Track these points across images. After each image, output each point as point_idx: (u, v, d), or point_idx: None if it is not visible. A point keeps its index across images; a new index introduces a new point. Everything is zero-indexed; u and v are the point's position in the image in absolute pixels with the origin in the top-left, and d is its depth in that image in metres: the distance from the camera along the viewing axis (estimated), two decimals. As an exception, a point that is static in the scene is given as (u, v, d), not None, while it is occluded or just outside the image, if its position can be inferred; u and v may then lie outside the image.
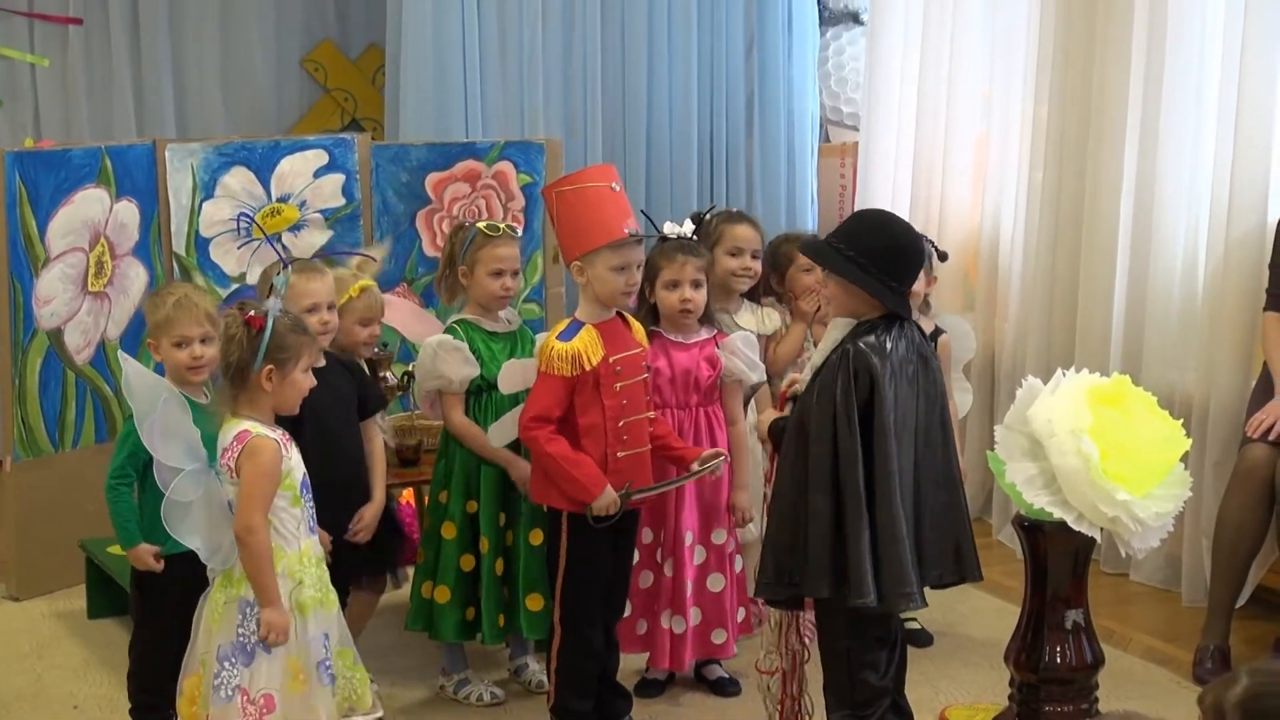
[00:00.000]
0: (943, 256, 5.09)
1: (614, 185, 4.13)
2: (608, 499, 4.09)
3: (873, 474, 3.60)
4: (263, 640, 3.58)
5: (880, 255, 3.68)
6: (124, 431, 4.00)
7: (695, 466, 4.29)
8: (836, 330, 3.76)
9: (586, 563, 4.16)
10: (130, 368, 3.69)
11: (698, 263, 4.49)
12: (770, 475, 3.99)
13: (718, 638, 4.60)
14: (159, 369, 4.09)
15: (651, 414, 4.30)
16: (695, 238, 4.59)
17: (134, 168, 5.80)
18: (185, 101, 7.57)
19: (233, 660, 3.58)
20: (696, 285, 4.49)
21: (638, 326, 4.30)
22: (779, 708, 4.08)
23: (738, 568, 4.65)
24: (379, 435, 4.47)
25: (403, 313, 5.09)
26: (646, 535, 4.54)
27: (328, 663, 3.67)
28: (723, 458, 4.35)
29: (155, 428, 3.59)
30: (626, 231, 4.08)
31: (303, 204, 6.08)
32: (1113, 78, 5.61)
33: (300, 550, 3.67)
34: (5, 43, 7.28)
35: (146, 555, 3.94)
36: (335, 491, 4.14)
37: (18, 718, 4.60)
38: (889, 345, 3.65)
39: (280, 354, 3.62)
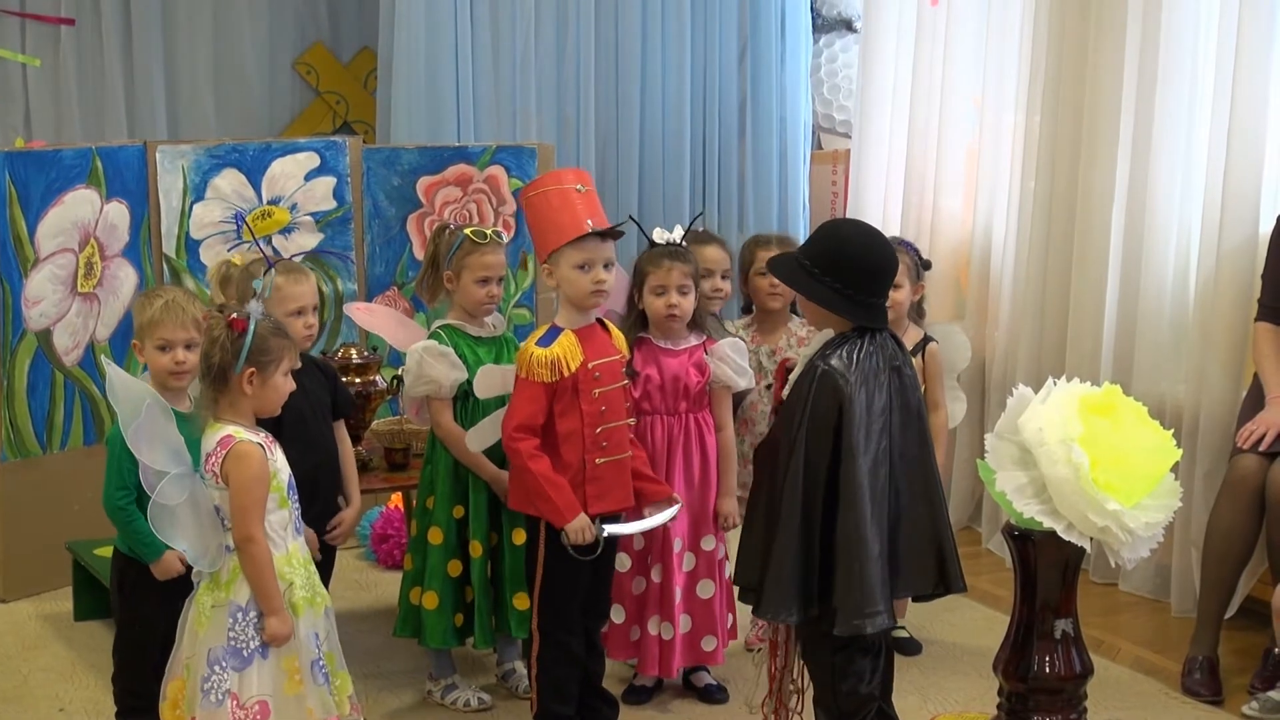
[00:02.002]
0: (926, 265, 5.08)
1: (579, 186, 4.11)
2: (580, 524, 4.07)
3: (837, 496, 3.59)
4: (264, 644, 3.57)
5: (842, 269, 3.65)
6: (113, 451, 3.95)
7: (649, 513, 4.27)
8: (814, 345, 3.75)
9: (565, 569, 4.14)
10: (114, 373, 3.66)
11: (684, 269, 4.48)
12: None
13: (708, 644, 4.59)
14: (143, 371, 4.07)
15: (632, 420, 4.29)
16: (684, 244, 4.57)
17: (124, 169, 5.79)
18: (176, 103, 7.58)
19: (224, 664, 3.57)
20: (683, 291, 4.47)
21: (618, 333, 4.29)
22: (770, 682, 4.06)
23: (726, 574, 4.64)
24: (348, 437, 4.46)
25: (384, 320, 5.07)
26: (637, 541, 4.53)
27: (321, 661, 3.67)
28: (677, 505, 4.33)
29: (140, 432, 3.57)
30: (586, 227, 4.07)
31: (294, 207, 6.07)
32: (1105, 88, 5.61)
33: (288, 551, 3.66)
34: (-3, 43, 7.28)
35: (175, 563, 3.92)
36: (315, 492, 4.15)
37: (3, 720, 4.59)
38: (858, 361, 3.62)
39: (262, 357, 3.61)
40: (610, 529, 4.17)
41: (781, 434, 3.66)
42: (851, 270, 3.66)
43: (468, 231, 4.50)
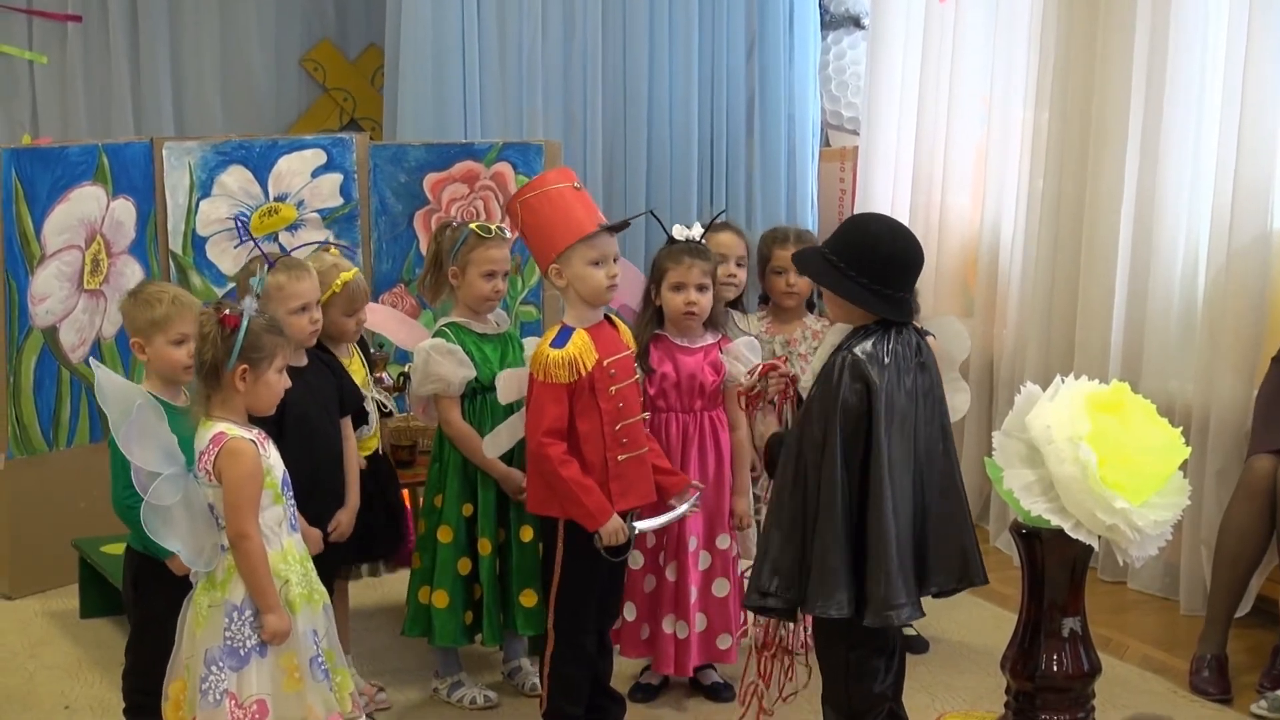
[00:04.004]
0: None
1: (575, 185, 4.11)
2: (614, 526, 4.07)
3: (867, 488, 3.58)
4: (261, 643, 3.56)
5: (869, 263, 3.66)
6: (117, 450, 3.91)
7: (675, 503, 4.29)
8: (834, 336, 3.74)
9: (582, 570, 4.14)
10: (102, 375, 3.63)
11: (704, 265, 4.46)
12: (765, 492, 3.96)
13: (722, 643, 4.58)
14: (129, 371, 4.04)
15: (646, 415, 4.28)
16: (703, 241, 4.56)
17: (131, 166, 5.79)
18: (183, 100, 7.57)
19: (220, 664, 3.55)
20: (702, 288, 4.46)
21: (624, 328, 4.28)
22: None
23: (739, 571, 4.63)
24: (353, 435, 4.44)
25: (387, 319, 5.06)
26: (650, 539, 4.51)
27: (320, 658, 3.66)
28: (699, 491, 4.37)
29: (131, 432, 3.55)
30: (598, 224, 4.06)
31: (300, 203, 6.07)
32: (1114, 85, 5.59)
33: (283, 548, 3.64)
34: (4, 40, 7.28)
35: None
36: (321, 489, 4.14)
37: (9, 717, 4.57)
38: (886, 353, 3.62)
39: (254, 353, 3.59)
40: (641, 525, 4.17)
41: (810, 426, 3.64)
42: (880, 265, 3.66)
43: (473, 226, 4.50)
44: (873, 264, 3.66)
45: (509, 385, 4.31)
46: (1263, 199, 5.12)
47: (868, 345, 3.62)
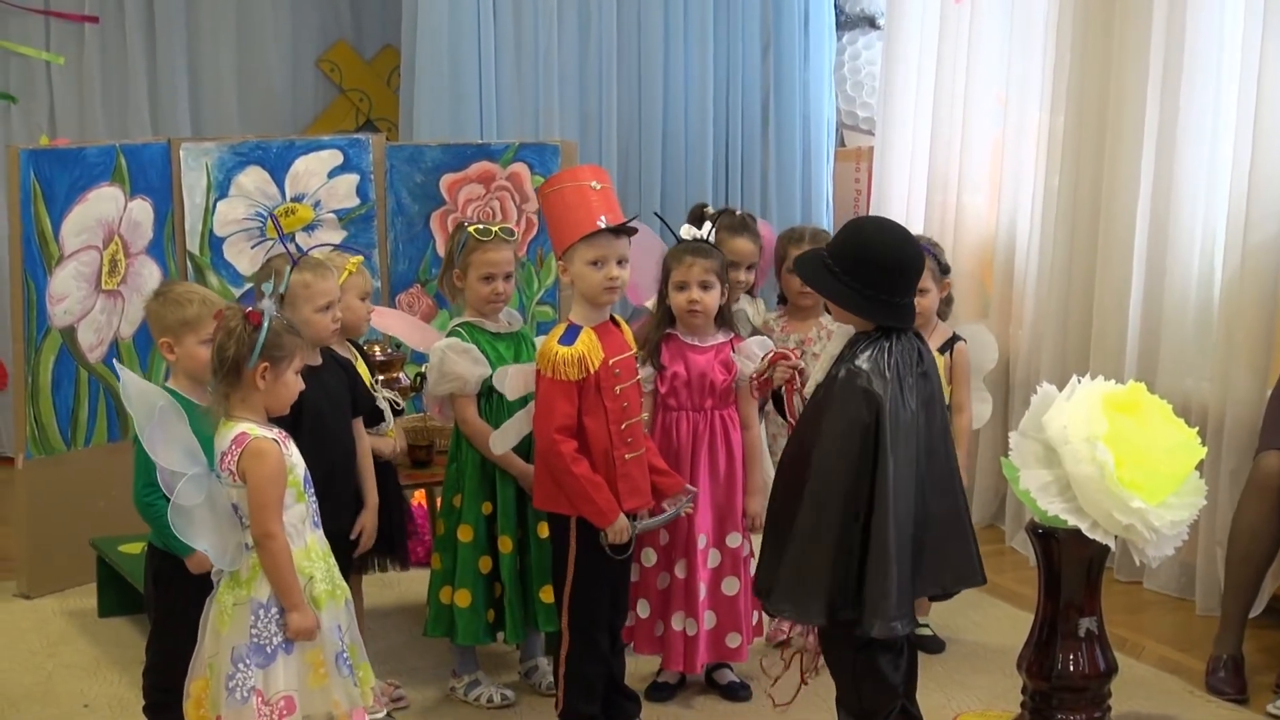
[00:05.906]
0: (945, 269, 5.04)
1: (594, 184, 4.11)
2: (621, 524, 4.09)
3: (872, 500, 3.59)
4: (287, 640, 3.58)
5: (865, 269, 3.64)
6: (140, 448, 3.93)
7: (666, 506, 4.31)
8: (835, 345, 3.74)
9: (595, 567, 4.15)
10: (126, 377, 3.65)
11: (706, 264, 4.47)
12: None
13: (732, 641, 4.59)
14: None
15: (646, 416, 4.30)
16: (711, 241, 4.57)
17: (148, 166, 5.80)
18: (200, 100, 7.59)
19: (247, 661, 3.57)
20: (705, 287, 4.47)
21: (627, 329, 4.30)
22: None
23: (752, 571, 4.64)
24: (366, 436, 4.46)
25: (398, 322, 5.07)
26: (662, 536, 4.53)
27: (344, 654, 3.67)
28: (692, 494, 4.38)
29: (155, 435, 3.57)
30: (598, 224, 4.06)
31: (317, 204, 6.08)
32: (1130, 84, 5.59)
33: (307, 545, 3.66)
34: (21, 41, 7.30)
35: (207, 559, 3.91)
36: (334, 488, 4.14)
37: (28, 716, 4.59)
38: (887, 365, 3.61)
39: (276, 351, 3.61)
40: (639, 526, 4.19)
41: (810, 440, 3.64)
42: (874, 270, 3.64)
43: (471, 229, 4.51)
44: (868, 269, 3.64)
45: (515, 381, 4.32)
46: (1278, 197, 5.12)
47: (868, 359, 3.61)
